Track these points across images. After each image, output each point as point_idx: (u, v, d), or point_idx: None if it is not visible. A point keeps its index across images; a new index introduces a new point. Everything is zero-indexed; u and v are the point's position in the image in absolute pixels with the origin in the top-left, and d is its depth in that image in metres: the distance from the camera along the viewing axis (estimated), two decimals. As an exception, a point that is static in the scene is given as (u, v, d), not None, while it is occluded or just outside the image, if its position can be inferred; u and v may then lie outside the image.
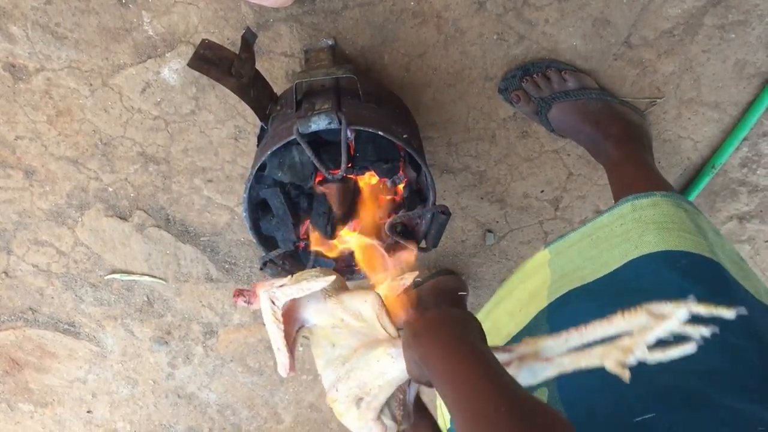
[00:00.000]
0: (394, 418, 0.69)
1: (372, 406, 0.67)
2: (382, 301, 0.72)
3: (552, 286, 1.02)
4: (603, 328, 0.60)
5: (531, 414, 0.49)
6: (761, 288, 0.93)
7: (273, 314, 0.74)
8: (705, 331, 0.56)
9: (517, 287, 1.10)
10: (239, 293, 0.81)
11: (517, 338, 0.98)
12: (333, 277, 0.74)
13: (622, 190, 1.16)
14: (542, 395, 0.84)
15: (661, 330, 0.57)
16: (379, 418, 0.68)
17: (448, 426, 1.10)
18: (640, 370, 0.62)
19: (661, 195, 1.01)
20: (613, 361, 0.59)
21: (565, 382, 0.81)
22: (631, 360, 0.58)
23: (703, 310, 0.56)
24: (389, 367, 0.66)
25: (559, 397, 0.82)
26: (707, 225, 1.00)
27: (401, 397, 0.69)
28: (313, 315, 0.76)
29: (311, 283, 0.73)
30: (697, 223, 0.97)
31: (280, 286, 0.74)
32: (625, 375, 0.58)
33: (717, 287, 0.86)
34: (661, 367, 0.73)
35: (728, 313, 0.56)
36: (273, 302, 0.74)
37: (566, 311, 0.94)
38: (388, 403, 0.68)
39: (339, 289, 0.77)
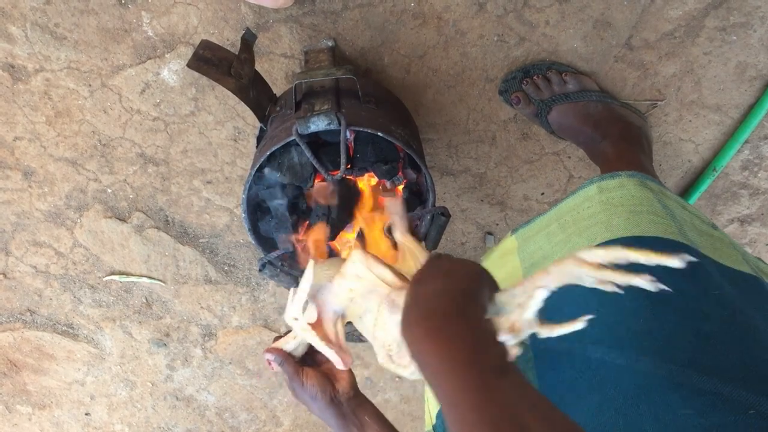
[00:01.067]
0: None
1: (402, 355, 0.67)
2: (364, 251, 0.73)
3: (525, 276, 1.00)
4: (542, 279, 0.56)
5: None
6: (735, 255, 0.92)
7: (301, 328, 0.77)
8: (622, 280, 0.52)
9: None
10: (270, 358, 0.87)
11: None
12: (311, 265, 0.76)
13: None
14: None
15: (540, 294, 0.53)
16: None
17: (434, 422, 1.09)
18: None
19: (626, 175, 1.00)
20: (506, 333, 0.55)
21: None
22: (518, 334, 0.54)
23: (641, 257, 0.52)
24: (391, 322, 0.67)
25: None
26: (673, 202, 0.98)
27: None
28: (335, 302, 0.78)
29: (301, 284, 0.76)
30: (664, 203, 0.96)
31: (290, 304, 0.78)
32: (513, 352, 0.53)
33: (693, 272, 0.85)
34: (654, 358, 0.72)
35: (673, 262, 0.52)
36: (295, 319, 0.77)
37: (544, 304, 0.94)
38: None
39: (338, 265, 0.79)
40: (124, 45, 1.27)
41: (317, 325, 0.78)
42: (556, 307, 0.91)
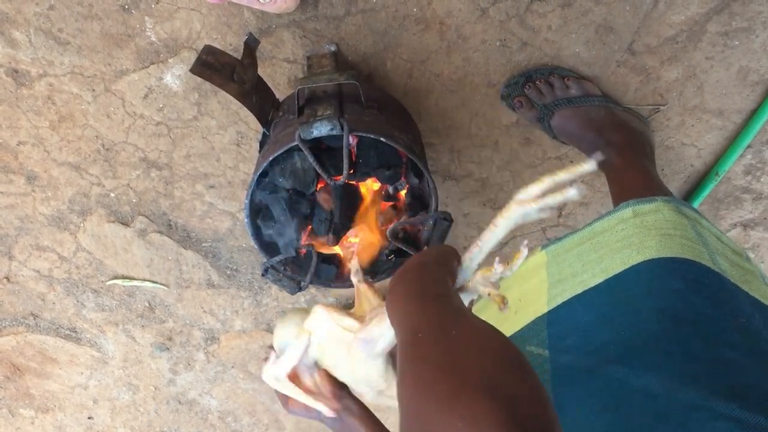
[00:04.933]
0: None
1: (391, 386, 0.72)
2: (326, 306, 0.77)
3: (551, 291, 1.01)
4: (492, 234, 0.61)
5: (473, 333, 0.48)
6: (765, 290, 0.93)
7: (283, 387, 0.80)
8: (570, 194, 0.56)
9: (512, 287, 1.09)
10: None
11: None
12: (304, 342, 0.80)
13: (621, 197, 1.15)
14: None
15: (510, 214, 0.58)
16: None
17: None
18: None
19: (662, 200, 1.00)
20: (482, 285, 0.61)
21: None
22: (494, 277, 0.61)
23: (564, 174, 0.57)
24: (369, 360, 0.71)
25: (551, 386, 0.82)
26: (707, 231, 0.99)
27: None
28: (306, 356, 0.81)
29: (293, 351, 0.79)
30: (698, 231, 0.97)
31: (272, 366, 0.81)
32: (498, 301, 0.58)
33: (721, 298, 0.85)
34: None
35: (588, 167, 0.56)
36: (277, 380, 0.80)
37: (567, 319, 0.94)
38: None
39: (300, 317, 0.82)
40: (128, 50, 1.28)
41: (295, 379, 0.80)
42: (580, 320, 0.91)
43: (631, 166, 1.23)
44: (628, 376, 0.76)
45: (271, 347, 0.84)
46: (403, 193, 1.15)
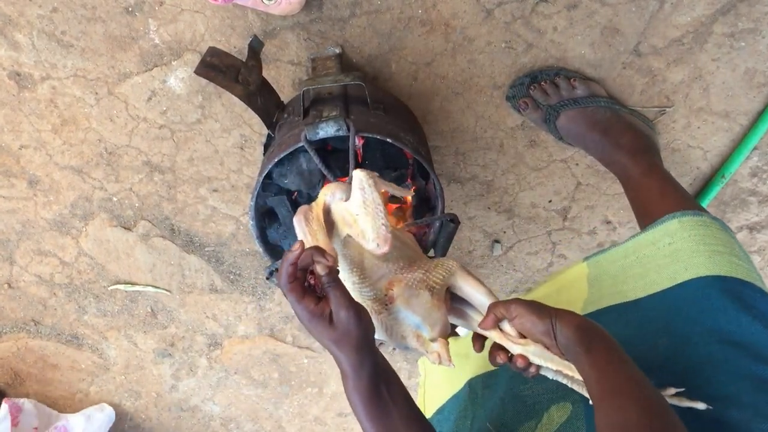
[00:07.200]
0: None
1: (441, 297, 0.84)
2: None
3: (589, 299, 0.99)
4: None
5: None
6: None
7: (378, 191, 0.81)
8: None
9: (550, 296, 1.07)
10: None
11: None
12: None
13: (648, 205, 1.14)
14: (566, 410, 0.82)
15: None
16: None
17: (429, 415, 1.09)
18: None
19: (709, 217, 0.99)
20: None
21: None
22: None
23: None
24: (451, 275, 0.85)
25: (584, 414, 0.80)
26: (747, 254, 0.98)
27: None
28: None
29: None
30: (744, 251, 0.96)
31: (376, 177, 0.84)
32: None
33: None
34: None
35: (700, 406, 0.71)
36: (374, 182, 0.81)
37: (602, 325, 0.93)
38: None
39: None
40: (131, 53, 1.27)
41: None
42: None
43: (651, 172, 1.21)
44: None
45: None
46: (409, 197, 1.14)
